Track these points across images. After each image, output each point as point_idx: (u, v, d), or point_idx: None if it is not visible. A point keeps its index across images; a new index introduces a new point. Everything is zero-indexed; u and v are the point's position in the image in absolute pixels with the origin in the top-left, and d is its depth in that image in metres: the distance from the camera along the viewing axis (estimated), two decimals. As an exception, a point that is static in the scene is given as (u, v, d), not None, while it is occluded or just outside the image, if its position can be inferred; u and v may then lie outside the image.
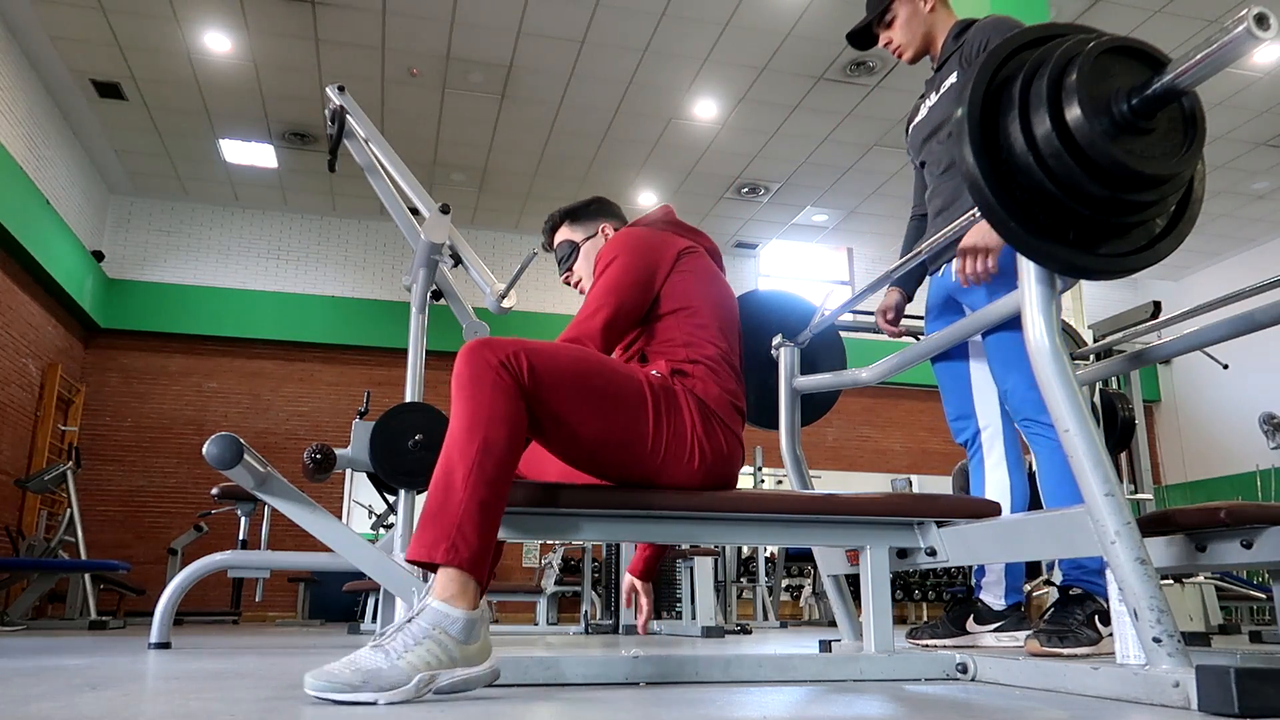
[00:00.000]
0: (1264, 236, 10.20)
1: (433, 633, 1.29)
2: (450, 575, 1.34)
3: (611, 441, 1.59)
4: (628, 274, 1.79)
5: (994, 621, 2.49)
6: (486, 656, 1.34)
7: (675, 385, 1.67)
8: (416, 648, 1.27)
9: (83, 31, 6.73)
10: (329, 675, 1.23)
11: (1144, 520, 2.01)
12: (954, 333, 2.06)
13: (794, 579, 9.23)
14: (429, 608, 1.31)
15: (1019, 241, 1.32)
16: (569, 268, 2.09)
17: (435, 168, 8.85)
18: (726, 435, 1.70)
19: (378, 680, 1.23)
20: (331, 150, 3.53)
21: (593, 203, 2.13)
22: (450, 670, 1.29)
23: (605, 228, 2.07)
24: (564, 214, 2.11)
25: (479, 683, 1.32)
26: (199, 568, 3.00)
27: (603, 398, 1.58)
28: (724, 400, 1.72)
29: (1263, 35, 1.07)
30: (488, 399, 1.44)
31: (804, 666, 1.66)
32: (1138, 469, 5.70)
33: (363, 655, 1.26)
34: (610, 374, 1.61)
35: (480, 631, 1.33)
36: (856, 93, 7.58)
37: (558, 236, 2.12)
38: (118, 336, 9.07)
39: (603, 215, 2.11)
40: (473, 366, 1.46)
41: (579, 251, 2.07)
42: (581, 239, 2.07)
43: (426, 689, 1.26)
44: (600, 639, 4.36)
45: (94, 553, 6.60)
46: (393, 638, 1.28)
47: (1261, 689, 1.07)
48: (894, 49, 2.53)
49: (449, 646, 1.29)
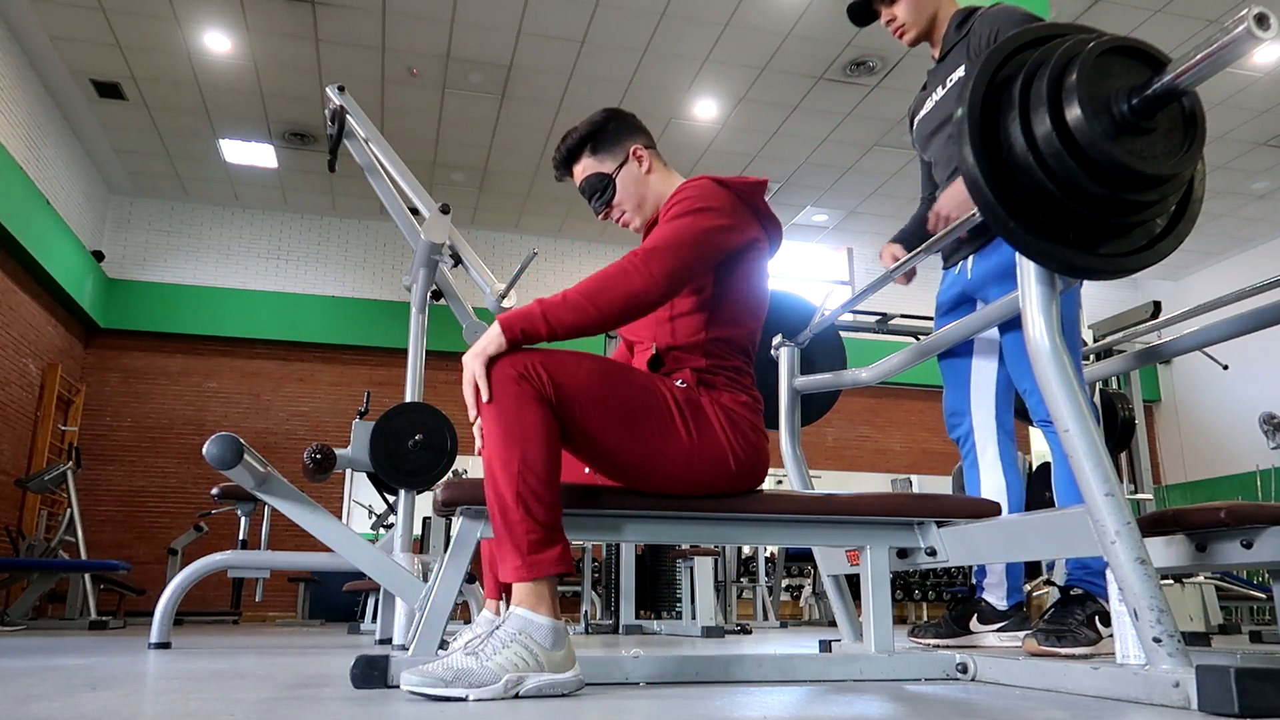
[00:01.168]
0: (1264, 236, 10.20)
1: (519, 637, 1.35)
2: (527, 588, 1.39)
3: (646, 454, 1.56)
4: (714, 234, 1.60)
5: (998, 621, 2.49)
6: (572, 665, 1.39)
7: (701, 397, 1.61)
8: (505, 650, 1.33)
9: (83, 31, 6.73)
10: (424, 672, 1.29)
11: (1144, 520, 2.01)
12: (959, 329, 2.06)
13: (794, 579, 9.23)
14: (514, 614, 1.37)
15: (1019, 241, 1.32)
16: (607, 203, 1.82)
17: (435, 168, 8.85)
18: (756, 434, 1.66)
19: (469, 678, 1.29)
20: (331, 150, 3.53)
21: (610, 119, 1.83)
22: (538, 674, 1.34)
23: (636, 149, 1.81)
24: (582, 139, 1.82)
25: (566, 688, 1.36)
26: (199, 568, 3.00)
27: (628, 410, 1.53)
28: (748, 403, 1.67)
29: (1263, 35, 1.07)
30: (514, 411, 1.43)
31: (804, 666, 1.66)
32: (1138, 469, 5.70)
33: (455, 657, 1.32)
34: (634, 385, 1.56)
35: (565, 640, 1.39)
36: (856, 93, 7.58)
37: (579, 171, 1.84)
38: (118, 336, 9.07)
39: (626, 133, 1.83)
40: (498, 382, 1.45)
41: (615, 185, 1.80)
42: (613, 168, 1.81)
43: (514, 689, 1.31)
44: (600, 639, 4.36)
45: (94, 553, 6.61)
46: (483, 643, 1.34)
47: (1261, 689, 1.07)
48: (896, 27, 2.41)
49: (535, 651, 1.35)
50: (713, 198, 1.64)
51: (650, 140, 1.86)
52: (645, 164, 1.81)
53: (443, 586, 1.58)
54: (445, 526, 5.34)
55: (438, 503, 1.60)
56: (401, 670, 1.31)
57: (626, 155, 1.81)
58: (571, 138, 1.83)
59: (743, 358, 1.71)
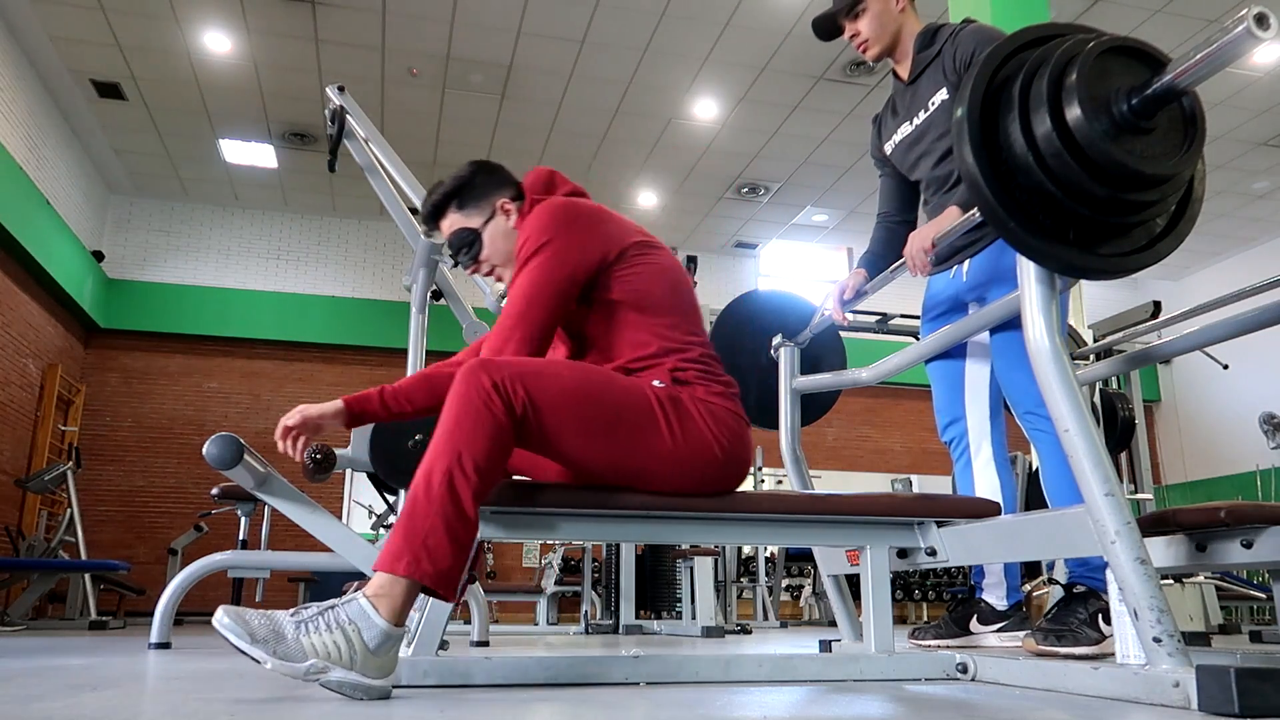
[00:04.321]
0: (1264, 236, 10.20)
1: (347, 626, 1.28)
2: (388, 581, 1.32)
3: (632, 461, 1.56)
4: (561, 266, 1.61)
5: (997, 622, 2.49)
6: (387, 674, 1.31)
7: (680, 393, 1.61)
8: (325, 633, 1.27)
9: (83, 31, 6.73)
10: (240, 616, 1.24)
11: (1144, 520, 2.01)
12: (956, 331, 2.06)
13: (794, 579, 9.23)
14: (356, 601, 1.31)
15: (1019, 241, 1.32)
16: (474, 258, 1.78)
17: (435, 168, 8.84)
18: (737, 421, 1.64)
19: (275, 644, 1.23)
20: (331, 150, 3.52)
21: (476, 174, 1.80)
22: (345, 670, 1.27)
23: (503, 203, 1.78)
24: (447, 194, 1.78)
25: (369, 694, 1.28)
26: (199, 568, 2.99)
27: (612, 421, 1.52)
28: (723, 391, 1.66)
29: (1263, 35, 1.07)
30: (471, 421, 1.42)
31: (804, 666, 1.66)
32: (1138, 469, 5.70)
33: (281, 615, 1.27)
34: (615, 396, 1.54)
35: (392, 648, 1.32)
36: (856, 93, 7.58)
37: (446, 226, 1.79)
38: (118, 336, 9.07)
39: (494, 187, 1.79)
40: (466, 388, 1.44)
41: (482, 239, 1.77)
42: (480, 223, 1.77)
43: (315, 677, 1.25)
44: (600, 639, 4.36)
45: (94, 553, 6.60)
46: (314, 616, 1.28)
47: (1261, 689, 1.07)
48: (860, 43, 2.40)
49: (355, 646, 1.27)
50: (545, 227, 1.64)
51: (519, 193, 1.82)
52: (511, 216, 1.78)
53: (443, 586, 1.58)
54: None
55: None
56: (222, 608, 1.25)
57: (494, 210, 1.78)
58: (437, 193, 1.79)
59: (698, 347, 1.68)
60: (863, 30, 2.38)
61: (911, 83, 2.41)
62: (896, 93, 2.49)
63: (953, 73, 2.25)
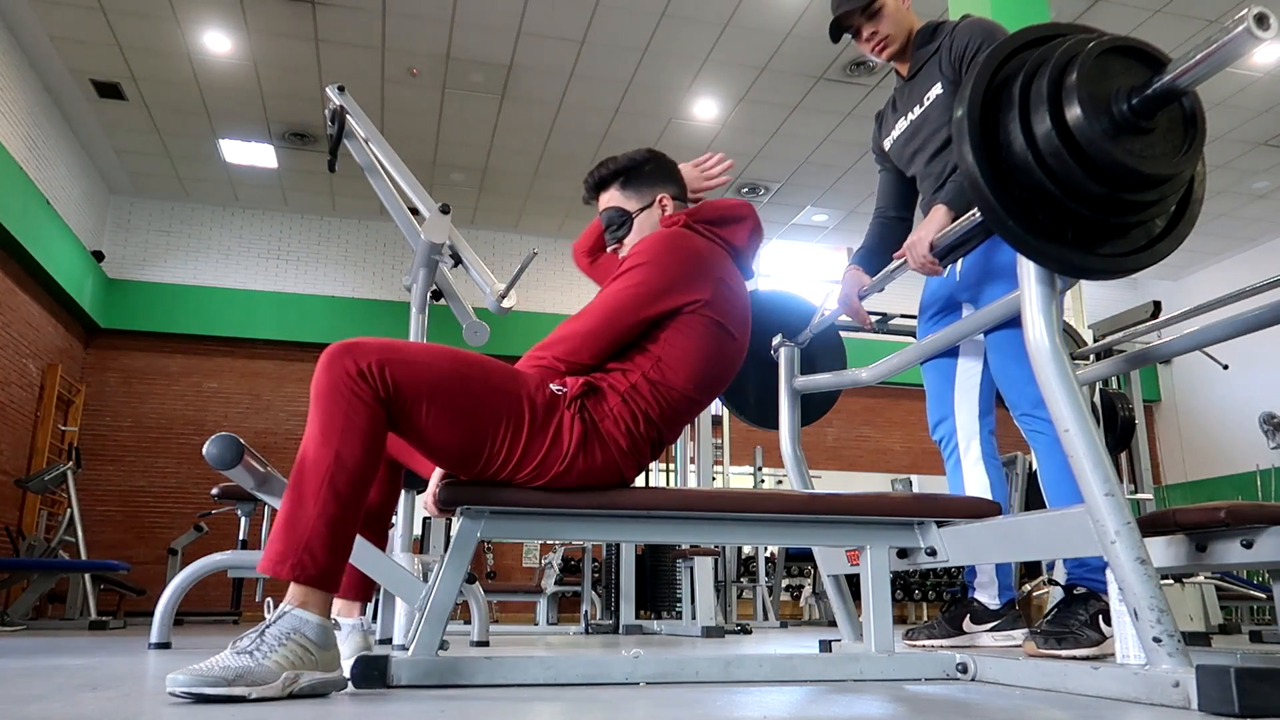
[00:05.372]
0: (1264, 236, 10.20)
1: (294, 636, 1.33)
2: (301, 587, 1.37)
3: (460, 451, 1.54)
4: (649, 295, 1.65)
5: (990, 621, 2.49)
6: (338, 664, 1.38)
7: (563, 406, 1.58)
8: (281, 649, 1.31)
9: (83, 31, 6.73)
10: (198, 672, 1.25)
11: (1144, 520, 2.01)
12: (955, 332, 2.06)
13: (794, 579, 9.23)
14: (288, 614, 1.35)
15: (1018, 241, 1.32)
16: (619, 240, 1.85)
17: (435, 168, 8.84)
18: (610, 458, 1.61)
19: (249, 677, 1.27)
20: (331, 150, 3.52)
21: (648, 160, 1.87)
22: (312, 671, 1.33)
23: (663, 198, 1.84)
24: (615, 173, 1.86)
25: (333, 687, 1.36)
26: (199, 568, 3.00)
27: (463, 413, 1.51)
28: (634, 435, 1.62)
29: (1263, 35, 1.07)
30: (342, 412, 1.42)
31: (804, 666, 1.66)
32: (1138, 469, 5.70)
33: (225, 657, 1.29)
34: (483, 390, 1.53)
35: (331, 639, 1.38)
36: (856, 93, 7.58)
37: (605, 199, 1.87)
38: (118, 336, 9.07)
39: (660, 178, 1.86)
40: (331, 375, 1.44)
41: (632, 223, 1.84)
42: (635, 208, 1.84)
43: (291, 687, 1.30)
44: (600, 639, 4.36)
45: (94, 553, 6.60)
46: (255, 642, 1.31)
47: (1261, 689, 1.07)
48: (879, 40, 2.37)
49: (309, 649, 1.34)
50: (657, 251, 1.68)
51: (681, 192, 1.89)
52: (667, 209, 1.85)
53: (443, 586, 1.58)
54: (445, 526, 5.34)
55: (439, 504, 1.60)
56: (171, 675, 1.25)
57: (653, 200, 1.85)
58: (608, 167, 1.87)
59: (682, 398, 1.67)
60: (881, 29, 2.37)
61: (910, 79, 2.42)
62: (897, 89, 2.50)
63: (948, 67, 2.26)
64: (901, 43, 2.40)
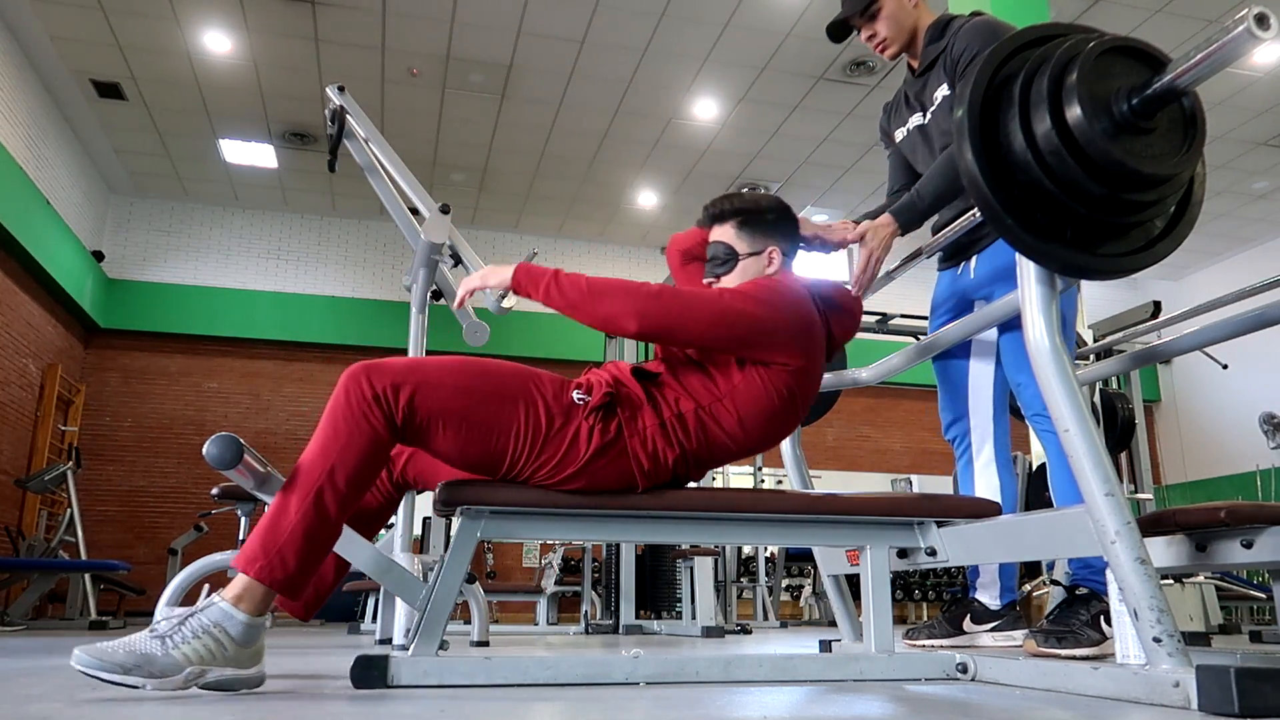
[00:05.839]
0: (1264, 236, 10.19)
1: (213, 630, 1.33)
2: (245, 583, 1.38)
3: (479, 461, 1.57)
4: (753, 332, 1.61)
5: (991, 621, 2.49)
6: (258, 661, 1.38)
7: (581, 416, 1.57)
8: (194, 641, 1.31)
9: (83, 31, 6.73)
10: (100, 652, 1.25)
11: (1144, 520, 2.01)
12: (960, 329, 2.05)
13: (794, 579, 9.22)
14: (215, 606, 1.35)
15: (1017, 240, 1.32)
16: (717, 276, 1.82)
17: (435, 168, 8.84)
18: (626, 470, 1.60)
19: (149, 666, 1.26)
20: (331, 150, 3.52)
21: (772, 210, 1.84)
22: (221, 668, 1.32)
23: (774, 251, 1.82)
24: (736, 211, 1.83)
25: (246, 684, 1.35)
26: (199, 568, 2.99)
27: (480, 428, 1.53)
28: (659, 462, 1.61)
29: (1263, 35, 1.07)
30: (346, 431, 1.45)
31: (804, 666, 1.66)
32: (1138, 469, 5.70)
33: (139, 639, 1.29)
34: (499, 403, 1.54)
35: (259, 637, 1.38)
36: (856, 93, 7.58)
37: (718, 232, 1.85)
38: (118, 336, 9.07)
39: (778, 231, 1.84)
40: (347, 395, 1.47)
41: (736, 265, 1.80)
42: (745, 251, 1.81)
43: (194, 682, 1.29)
44: (600, 639, 4.36)
45: (94, 553, 6.60)
46: (174, 629, 1.31)
47: (1261, 689, 1.07)
48: (878, 43, 2.36)
49: (226, 645, 1.33)
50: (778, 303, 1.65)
51: (793, 249, 1.87)
52: (774, 264, 1.82)
53: (443, 586, 1.58)
54: (445, 526, 5.34)
55: (438, 503, 1.60)
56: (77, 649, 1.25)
57: (763, 250, 1.82)
58: (731, 203, 1.85)
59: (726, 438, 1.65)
60: (880, 30, 2.35)
61: (920, 75, 2.40)
62: (907, 83, 2.48)
63: (952, 69, 2.25)
64: (903, 42, 2.38)
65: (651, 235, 10.42)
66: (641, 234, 10.39)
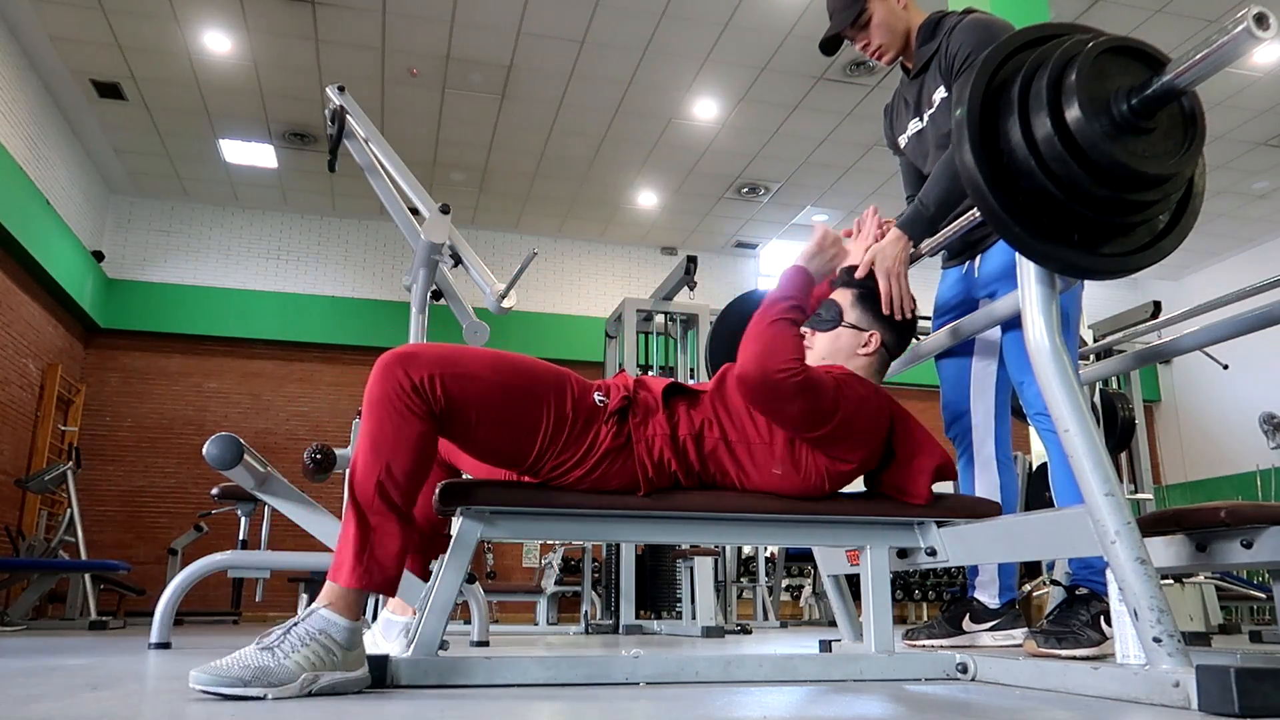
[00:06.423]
0: (1264, 236, 10.19)
1: (319, 637, 1.35)
2: (338, 590, 1.40)
3: (507, 455, 1.60)
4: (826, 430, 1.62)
5: (990, 620, 2.49)
6: (362, 663, 1.41)
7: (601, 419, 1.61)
8: (303, 649, 1.33)
9: (83, 31, 6.73)
10: (217, 670, 1.27)
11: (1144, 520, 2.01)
12: (959, 329, 2.05)
13: (794, 579, 9.22)
14: (317, 614, 1.38)
15: (1023, 245, 1.32)
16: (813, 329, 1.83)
17: (435, 168, 8.84)
18: (631, 473, 1.63)
19: (267, 676, 1.28)
20: (331, 150, 3.52)
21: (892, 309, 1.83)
22: (332, 672, 1.35)
23: (877, 337, 1.82)
24: (856, 285, 1.86)
25: (355, 686, 1.38)
26: (199, 568, 2.99)
27: (511, 423, 1.56)
28: (663, 470, 1.64)
29: (1262, 35, 1.07)
30: (394, 424, 1.46)
31: (804, 666, 1.66)
32: (1138, 469, 5.70)
33: (249, 653, 1.31)
34: (531, 400, 1.57)
35: (357, 640, 1.40)
36: (856, 93, 7.58)
37: (838, 294, 1.87)
38: (118, 336, 9.06)
39: (890, 323, 1.84)
40: (384, 386, 1.47)
41: (837, 330, 1.81)
42: (850, 322, 1.82)
43: (310, 687, 1.31)
44: (600, 639, 4.36)
45: (94, 553, 6.60)
46: (280, 640, 1.34)
47: (1261, 689, 1.07)
48: (874, 51, 2.35)
49: (333, 650, 1.36)
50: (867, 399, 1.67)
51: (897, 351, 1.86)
52: (870, 347, 1.82)
53: (443, 586, 1.58)
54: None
55: (437, 503, 1.60)
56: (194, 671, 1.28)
57: (869, 331, 1.82)
58: (855, 275, 1.88)
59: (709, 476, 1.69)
60: (874, 39, 2.33)
61: (915, 77, 2.38)
62: (903, 86, 2.46)
63: (948, 69, 2.23)
64: (899, 47, 2.36)
65: (651, 235, 10.42)
66: (641, 234, 10.39)
